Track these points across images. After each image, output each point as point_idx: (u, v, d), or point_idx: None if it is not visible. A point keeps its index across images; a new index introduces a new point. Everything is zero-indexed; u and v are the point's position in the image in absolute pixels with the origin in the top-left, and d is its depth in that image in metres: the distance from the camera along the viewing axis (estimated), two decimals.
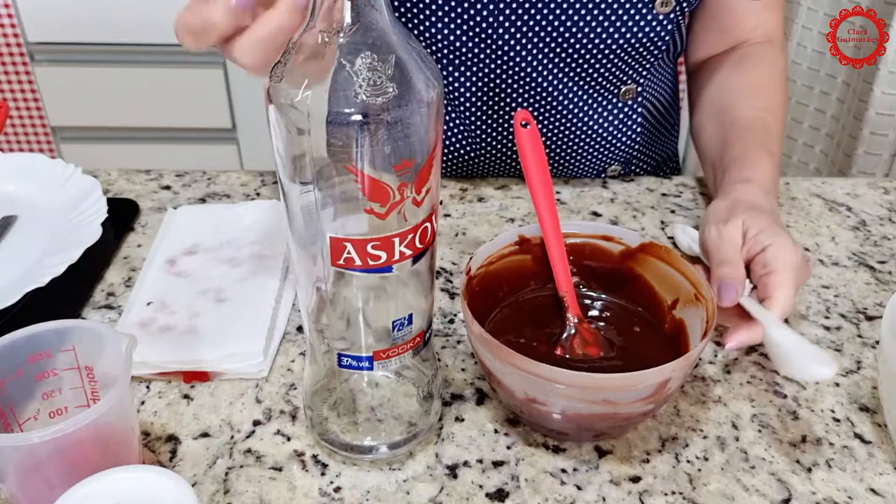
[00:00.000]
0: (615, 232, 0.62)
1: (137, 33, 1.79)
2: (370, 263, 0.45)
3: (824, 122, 1.53)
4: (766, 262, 0.60)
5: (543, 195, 0.59)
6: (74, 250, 0.67)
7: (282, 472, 0.54)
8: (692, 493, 0.53)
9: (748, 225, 0.63)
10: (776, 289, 0.59)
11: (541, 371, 0.49)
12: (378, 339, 0.50)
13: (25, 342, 0.50)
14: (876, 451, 0.56)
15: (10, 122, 1.98)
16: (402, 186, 0.44)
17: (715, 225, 0.65)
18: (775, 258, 0.60)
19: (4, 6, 1.80)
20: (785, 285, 0.59)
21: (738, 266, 0.61)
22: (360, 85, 0.41)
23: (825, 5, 1.43)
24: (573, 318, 0.59)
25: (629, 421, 0.53)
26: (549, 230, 0.59)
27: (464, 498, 0.52)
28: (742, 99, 0.81)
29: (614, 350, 0.58)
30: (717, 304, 0.57)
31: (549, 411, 0.52)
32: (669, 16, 0.76)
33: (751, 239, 0.62)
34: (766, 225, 0.63)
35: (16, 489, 0.47)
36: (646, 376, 0.49)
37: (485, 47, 0.77)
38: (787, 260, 0.60)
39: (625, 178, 0.88)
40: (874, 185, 0.88)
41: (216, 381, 0.61)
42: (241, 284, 0.68)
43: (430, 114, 0.43)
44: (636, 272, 0.62)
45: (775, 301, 0.58)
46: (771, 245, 0.61)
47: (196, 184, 0.86)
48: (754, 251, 0.62)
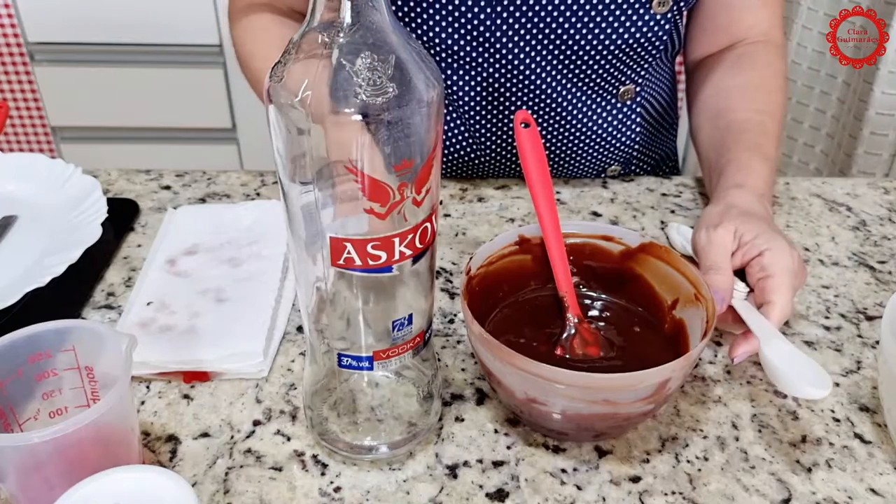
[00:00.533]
0: (615, 232, 0.62)
1: (137, 33, 1.79)
2: (370, 263, 0.45)
3: (825, 122, 1.53)
4: (763, 266, 0.60)
5: (543, 195, 0.59)
6: (74, 250, 0.67)
7: (282, 472, 0.54)
8: (692, 493, 0.53)
9: (743, 230, 0.63)
10: (774, 293, 0.59)
11: (541, 371, 0.49)
12: (378, 339, 0.50)
13: (25, 342, 0.50)
14: (876, 451, 0.56)
15: (10, 122, 1.98)
16: (402, 186, 0.44)
17: (705, 229, 0.64)
18: (772, 262, 0.60)
19: (4, 6, 1.80)
20: (782, 289, 0.59)
21: (725, 272, 0.61)
22: (360, 85, 0.41)
23: (825, 5, 1.43)
24: (573, 318, 0.59)
25: (629, 421, 0.53)
26: (549, 230, 0.59)
27: (464, 498, 0.52)
28: (738, 101, 0.80)
29: (614, 350, 0.58)
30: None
31: (549, 411, 0.52)
32: (667, 15, 0.76)
33: (746, 243, 0.62)
34: (761, 229, 0.63)
35: (16, 489, 0.47)
36: (646, 376, 0.49)
37: (482, 49, 0.77)
38: (783, 264, 0.60)
39: (625, 178, 0.88)
40: (874, 185, 0.88)
41: (216, 381, 0.61)
42: (241, 284, 0.68)
43: (430, 114, 0.43)
44: (636, 272, 0.62)
45: (773, 306, 0.58)
46: (767, 249, 0.61)
47: (196, 184, 0.86)
48: (750, 255, 0.61)
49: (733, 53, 0.84)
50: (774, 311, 0.58)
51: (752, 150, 0.74)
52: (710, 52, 0.87)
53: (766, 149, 0.75)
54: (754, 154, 0.74)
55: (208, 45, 1.81)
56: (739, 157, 0.74)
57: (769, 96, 0.81)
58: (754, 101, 0.80)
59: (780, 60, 0.84)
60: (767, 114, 0.79)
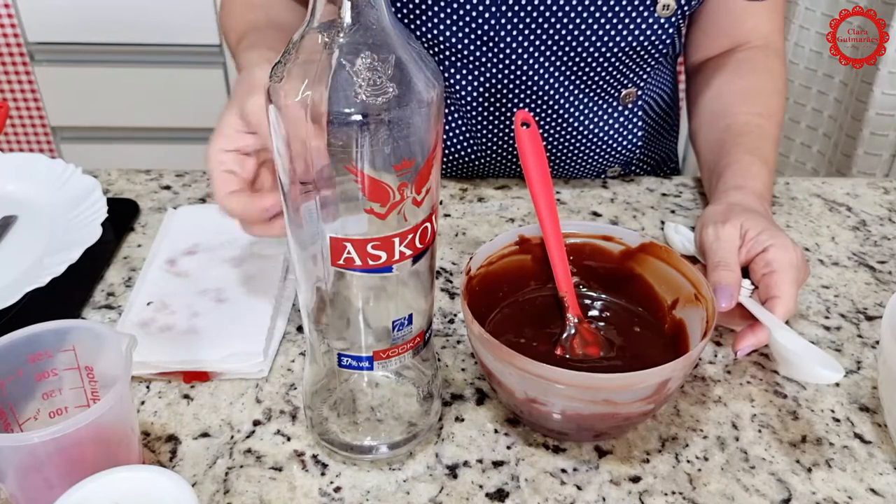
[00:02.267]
0: (615, 232, 0.62)
1: (137, 33, 1.79)
2: (370, 263, 0.45)
3: (822, 122, 1.53)
4: (768, 262, 0.61)
5: (543, 195, 0.59)
6: (74, 250, 0.67)
7: (282, 472, 0.54)
8: (692, 493, 0.53)
9: (747, 226, 0.63)
10: (778, 288, 0.59)
11: (541, 371, 0.49)
12: (378, 338, 0.50)
13: (25, 342, 0.50)
14: (876, 451, 0.56)
15: (10, 122, 1.97)
16: (402, 186, 0.44)
17: (713, 226, 0.65)
18: (776, 258, 0.60)
19: (4, 6, 1.80)
20: (787, 284, 0.59)
21: (734, 269, 0.61)
22: (360, 85, 0.41)
23: (823, 5, 1.43)
24: (573, 318, 0.59)
25: (629, 421, 0.53)
26: (549, 230, 0.59)
27: (464, 498, 0.52)
28: (738, 104, 0.81)
29: (614, 350, 0.58)
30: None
31: (549, 411, 0.52)
32: (670, 19, 0.76)
33: (751, 240, 0.63)
34: (765, 226, 0.63)
35: (16, 489, 0.47)
36: (646, 376, 0.49)
37: (486, 49, 0.77)
38: (788, 259, 0.60)
39: (625, 179, 0.88)
40: (874, 185, 0.88)
41: (216, 381, 0.61)
42: (241, 284, 0.68)
43: (431, 114, 0.43)
44: (636, 272, 0.62)
45: (779, 301, 0.59)
46: (772, 245, 0.61)
47: (196, 184, 0.86)
48: (755, 251, 0.62)
49: (734, 58, 0.84)
50: (780, 305, 0.59)
51: (752, 154, 0.75)
52: (710, 55, 0.87)
53: (765, 152, 0.76)
54: (754, 157, 0.74)
55: (208, 45, 1.81)
56: (739, 159, 0.74)
57: (769, 100, 0.81)
58: (754, 105, 0.80)
59: (780, 64, 0.84)
60: (766, 117, 0.79)
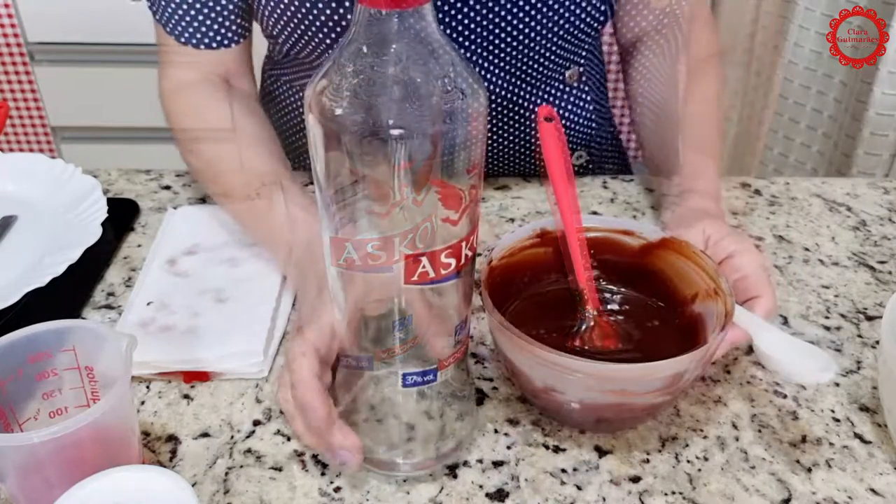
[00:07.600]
0: (635, 226, 0.63)
1: (137, 33, 1.79)
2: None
3: (822, 122, 1.53)
4: (737, 268, 0.61)
5: (564, 189, 0.59)
6: (74, 250, 0.67)
7: (282, 472, 0.54)
8: (692, 493, 0.53)
9: (709, 232, 0.64)
10: (758, 289, 0.59)
11: (558, 360, 0.50)
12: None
13: (25, 342, 0.50)
14: (876, 451, 0.56)
15: (10, 122, 1.98)
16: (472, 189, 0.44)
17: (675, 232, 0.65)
18: (745, 263, 0.61)
19: (4, 6, 1.80)
20: (763, 285, 0.59)
21: None
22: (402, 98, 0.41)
23: (822, 5, 1.43)
24: (591, 311, 0.59)
25: (646, 412, 0.54)
26: (569, 224, 0.59)
27: (464, 498, 0.52)
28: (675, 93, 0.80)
29: (632, 343, 0.58)
30: None
31: (566, 400, 0.53)
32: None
33: (714, 245, 0.63)
34: (726, 231, 0.64)
35: (16, 489, 0.47)
36: (661, 367, 0.49)
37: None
38: (757, 262, 0.61)
39: (625, 179, 0.88)
40: (874, 185, 0.88)
41: (216, 381, 0.61)
42: (241, 284, 0.68)
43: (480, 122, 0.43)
44: (655, 267, 0.62)
45: (761, 300, 0.59)
46: (737, 251, 0.62)
47: (196, 184, 0.86)
48: (719, 257, 0.62)
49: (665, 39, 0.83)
50: (763, 304, 0.58)
51: (697, 151, 0.75)
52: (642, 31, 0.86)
53: (709, 143, 0.76)
54: (699, 154, 0.75)
55: None
56: (687, 160, 0.74)
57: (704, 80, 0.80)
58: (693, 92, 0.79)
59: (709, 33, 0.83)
60: (704, 101, 0.79)
